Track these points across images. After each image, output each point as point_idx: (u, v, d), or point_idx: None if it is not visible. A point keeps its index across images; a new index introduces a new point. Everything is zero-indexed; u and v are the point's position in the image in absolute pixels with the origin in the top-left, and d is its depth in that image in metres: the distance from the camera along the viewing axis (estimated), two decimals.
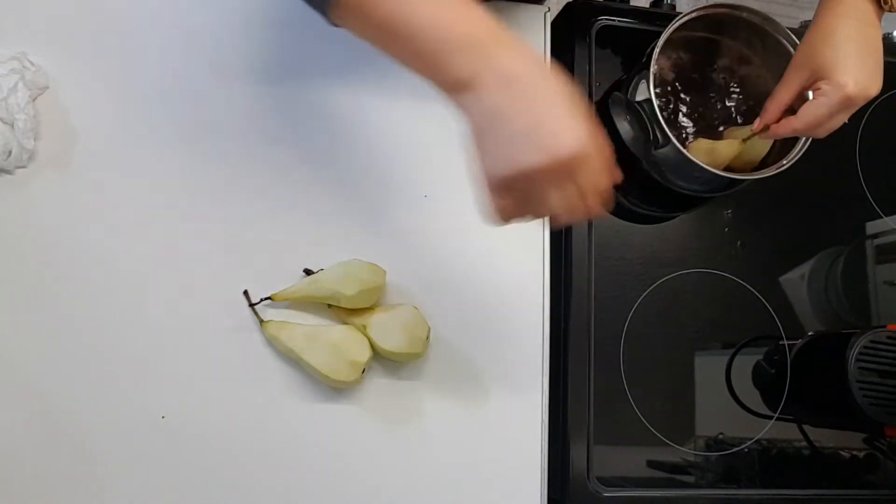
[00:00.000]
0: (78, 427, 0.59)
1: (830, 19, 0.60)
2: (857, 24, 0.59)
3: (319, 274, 0.62)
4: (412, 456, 0.63)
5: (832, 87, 0.59)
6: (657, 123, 0.65)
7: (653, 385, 0.71)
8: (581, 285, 0.70)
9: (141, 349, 0.61)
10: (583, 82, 0.76)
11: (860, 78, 0.58)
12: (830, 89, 0.59)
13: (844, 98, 0.58)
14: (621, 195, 0.76)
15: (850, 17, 0.59)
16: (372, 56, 0.71)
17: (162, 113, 0.66)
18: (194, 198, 0.64)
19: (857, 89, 0.58)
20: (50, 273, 0.61)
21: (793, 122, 0.62)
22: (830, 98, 0.59)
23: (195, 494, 0.59)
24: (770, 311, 0.75)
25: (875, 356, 0.66)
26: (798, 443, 0.73)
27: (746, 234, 0.77)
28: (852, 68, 0.58)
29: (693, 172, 0.69)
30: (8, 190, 0.62)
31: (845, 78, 0.58)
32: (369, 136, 0.69)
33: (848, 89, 0.58)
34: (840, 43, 0.59)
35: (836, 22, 0.60)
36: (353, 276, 0.61)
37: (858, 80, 0.58)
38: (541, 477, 0.64)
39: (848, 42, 0.59)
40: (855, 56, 0.59)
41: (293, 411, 0.62)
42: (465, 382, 0.65)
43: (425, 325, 0.62)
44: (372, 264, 0.62)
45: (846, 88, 0.58)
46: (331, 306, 0.64)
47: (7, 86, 0.60)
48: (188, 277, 0.63)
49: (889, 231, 0.81)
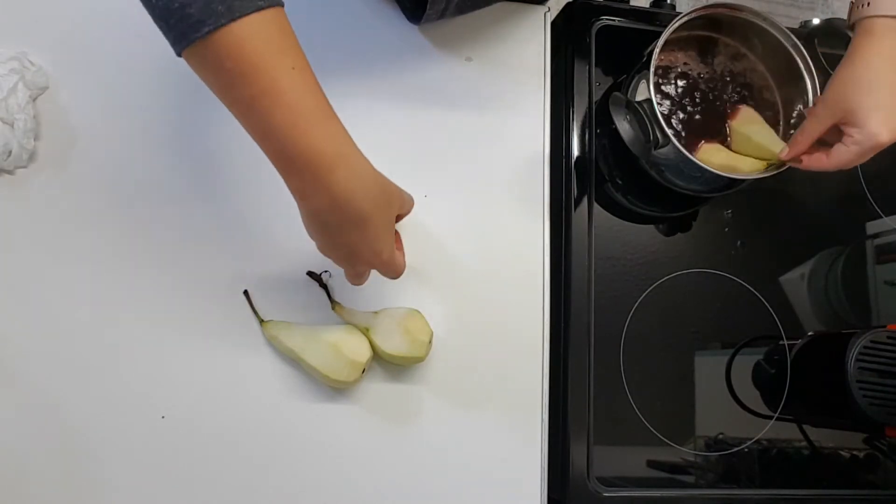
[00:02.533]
0: (78, 427, 0.59)
1: (863, 58, 0.58)
2: (891, 63, 0.58)
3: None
4: (412, 456, 0.63)
5: (864, 136, 0.58)
6: (657, 123, 0.65)
7: (653, 385, 0.71)
8: (581, 285, 0.70)
9: (141, 349, 0.61)
10: (583, 82, 0.76)
11: (893, 125, 0.58)
12: (862, 138, 0.58)
13: (877, 146, 0.58)
14: (621, 195, 0.76)
15: (883, 56, 0.58)
16: (372, 57, 0.71)
17: (162, 113, 0.66)
18: (195, 197, 0.64)
19: (889, 137, 0.58)
20: (50, 273, 0.61)
21: (824, 162, 0.62)
22: (863, 146, 0.59)
23: (195, 494, 0.59)
24: (770, 311, 0.75)
25: (875, 356, 0.66)
26: (798, 443, 0.73)
27: (746, 234, 0.77)
28: (885, 116, 0.57)
29: (693, 172, 0.69)
30: (8, 190, 0.62)
31: (878, 128, 0.57)
32: (369, 137, 0.69)
33: (881, 139, 0.58)
34: (872, 88, 0.58)
35: (869, 63, 0.58)
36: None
37: (892, 128, 0.58)
38: (541, 477, 0.64)
39: (881, 88, 0.58)
40: (888, 102, 0.58)
41: (293, 411, 0.62)
42: (464, 382, 0.65)
43: (428, 329, 0.62)
44: None
45: (879, 138, 0.58)
46: (333, 307, 0.64)
47: (7, 86, 0.60)
48: (188, 277, 0.63)
49: (889, 231, 0.81)
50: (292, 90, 0.44)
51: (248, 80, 0.43)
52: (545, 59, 0.75)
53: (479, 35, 0.74)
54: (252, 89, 0.43)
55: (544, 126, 0.73)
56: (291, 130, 0.44)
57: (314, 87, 0.46)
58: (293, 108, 0.44)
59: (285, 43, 0.44)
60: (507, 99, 0.73)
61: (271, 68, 0.43)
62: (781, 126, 0.74)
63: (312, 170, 0.46)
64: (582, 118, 0.76)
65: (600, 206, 0.74)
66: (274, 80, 0.43)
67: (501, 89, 0.73)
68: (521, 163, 0.71)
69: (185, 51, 0.43)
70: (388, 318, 0.61)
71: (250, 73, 0.42)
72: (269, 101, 0.43)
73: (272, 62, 0.43)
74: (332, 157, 0.46)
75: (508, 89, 0.73)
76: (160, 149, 0.65)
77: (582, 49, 0.76)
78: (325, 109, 0.46)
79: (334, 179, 0.46)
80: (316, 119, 0.45)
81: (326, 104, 0.46)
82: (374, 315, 0.62)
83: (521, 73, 0.74)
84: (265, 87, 0.43)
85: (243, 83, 0.43)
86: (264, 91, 0.43)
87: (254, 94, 0.43)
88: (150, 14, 0.43)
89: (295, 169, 0.46)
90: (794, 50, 0.71)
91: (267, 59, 0.43)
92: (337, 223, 0.49)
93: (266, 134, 0.45)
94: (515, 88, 0.73)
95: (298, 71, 0.44)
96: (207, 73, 0.44)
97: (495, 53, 0.74)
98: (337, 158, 0.46)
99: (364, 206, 0.48)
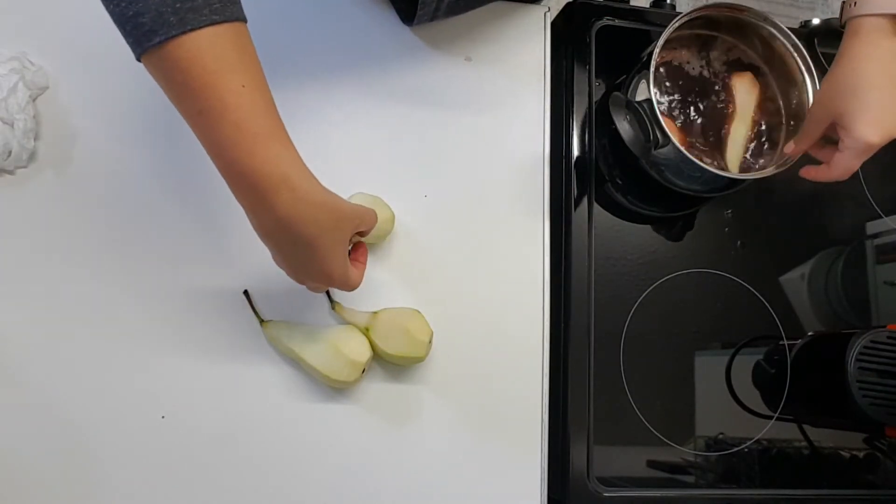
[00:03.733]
0: (78, 427, 0.59)
1: (849, 60, 0.58)
2: (880, 65, 0.57)
3: None
4: (412, 456, 0.63)
5: (853, 139, 0.58)
6: (657, 123, 0.65)
7: (653, 385, 0.71)
8: (581, 285, 0.70)
9: (141, 349, 0.61)
10: (583, 82, 0.76)
11: (884, 125, 0.57)
12: (853, 142, 0.58)
13: (869, 148, 0.58)
14: (621, 195, 0.76)
15: (869, 56, 0.58)
16: (371, 57, 0.71)
17: (162, 113, 0.66)
18: (195, 197, 0.64)
19: (880, 138, 0.58)
20: (50, 272, 0.61)
21: (830, 172, 0.62)
22: (856, 149, 0.59)
23: (195, 494, 0.59)
24: (770, 311, 0.75)
25: (875, 356, 0.66)
26: (798, 443, 0.73)
27: (746, 234, 0.77)
28: (874, 118, 0.57)
29: (693, 172, 0.69)
30: (8, 190, 0.62)
31: (866, 130, 0.57)
32: (369, 137, 0.69)
33: (871, 140, 0.57)
34: (857, 91, 0.58)
35: (855, 66, 0.58)
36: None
37: (882, 128, 0.57)
38: (541, 477, 0.64)
39: (867, 90, 0.57)
40: (877, 104, 0.57)
41: (293, 411, 0.62)
42: (464, 382, 0.65)
43: (428, 329, 0.62)
44: None
45: (869, 139, 0.57)
46: (333, 307, 0.64)
47: (7, 86, 0.60)
48: (189, 277, 0.63)
49: (889, 231, 0.81)
50: (239, 109, 0.43)
51: (195, 95, 0.43)
52: (545, 59, 0.75)
53: (479, 35, 0.74)
54: (199, 104, 0.43)
55: (544, 126, 0.73)
56: (236, 149, 0.44)
57: (264, 107, 0.45)
58: (239, 127, 0.44)
59: (239, 60, 0.44)
60: (507, 99, 0.73)
61: (220, 85, 0.43)
62: (784, 126, 0.74)
63: (255, 191, 0.46)
64: (582, 118, 0.76)
65: (600, 206, 0.74)
66: (221, 97, 0.43)
67: (501, 89, 0.73)
68: (521, 163, 0.71)
69: (142, 58, 0.43)
70: (388, 318, 0.61)
71: (198, 87, 0.43)
72: (215, 117, 0.43)
73: (222, 79, 0.43)
74: (276, 180, 0.45)
75: (508, 89, 0.73)
76: (160, 149, 0.65)
77: (582, 49, 0.76)
78: (273, 130, 0.46)
79: (277, 202, 0.46)
80: (262, 139, 0.45)
81: (276, 124, 0.46)
82: (374, 315, 0.62)
83: (521, 73, 0.74)
84: (212, 103, 0.43)
85: (192, 96, 0.43)
86: (211, 107, 0.43)
87: (201, 108, 0.43)
88: (111, 18, 0.43)
89: (239, 187, 0.46)
90: (794, 50, 0.71)
91: (217, 76, 0.42)
92: (285, 242, 0.50)
93: (212, 149, 0.45)
94: (515, 88, 0.73)
95: (249, 90, 0.44)
96: (160, 81, 0.44)
97: (495, 53, 0.74)
98: (280, 181, 0.46)
99: (309, 229, 0.48)
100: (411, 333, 0.60)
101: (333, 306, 0.63)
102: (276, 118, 0.46)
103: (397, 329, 0.61)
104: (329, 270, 0.52)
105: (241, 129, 0.44)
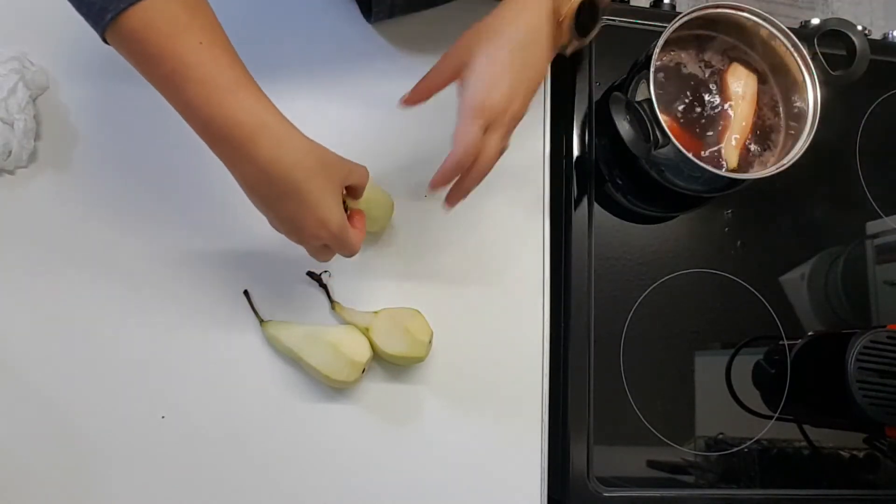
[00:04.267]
0: (78, 427, 0.59)
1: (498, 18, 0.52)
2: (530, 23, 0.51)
3: None
4: (412, 456, 0.63)
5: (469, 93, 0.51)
6: (657, 123, 0.65)
7: (653, 385, 0.71)
8: (581, 285, 0.70)
9: (141, 349, 0.61)
10: (583, 82, 0.76)
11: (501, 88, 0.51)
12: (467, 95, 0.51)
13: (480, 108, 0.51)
14: (621, 195, 0.76)
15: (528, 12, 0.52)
16: (371, 56, 0.71)
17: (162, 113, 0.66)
18: (195, 197, 0.64)
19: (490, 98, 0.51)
20: (50, 273, 0.61)
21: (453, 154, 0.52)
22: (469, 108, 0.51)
23: (195, 494, 0.59)
24: (770, 311, 0.75)
25: (875, 356, 0.66)
26: (798, 443, 0.73)
27: (746, 234, 0.77)
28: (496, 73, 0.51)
29: (693, 172, 0.69)
30: (8, 190, 0.62)
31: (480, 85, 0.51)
32: (369, 137, 0.69)
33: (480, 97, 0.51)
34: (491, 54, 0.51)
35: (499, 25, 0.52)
36: None
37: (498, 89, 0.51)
38: (541, 477, 0.64)
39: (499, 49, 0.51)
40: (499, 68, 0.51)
41: (293, 411, 0.62)
42: (464, 382, 0.65)
43: (428, 329, 0.62)
44: None
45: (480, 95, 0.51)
46: (333, 307, 0.64)
47: (7, 86, 0.60)
48: (189, 277, 0.63)
49: (889, 231, 0.81)
50: (201, 65, 0.44)
51: (157, 61, 0.44)
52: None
53: None
54: (162, 69, 0.45)
55: (544, 126, 0.73)
56: (206, 104, 0.45)
57: (227, 60, 0.46)
58: (205, 83, 0.45)
59: (191, 19, 0.45)
60: None
61: (177, 46, 0.44)
62: (783, 125, 0.74)
63: (232, 140, 0.46)
64: (582, 118, 0.76)
65: (600, 206, 0.74)
66: (181, 58, 0.44)
67: None
68: (521, 163, 0.71)
69: (105, 38, 0.46)
70: (388, 318, 0.61)
71: (158, 54, 0.44)
72: (180, 78, 0.44)
73: (178, 40, 0.44)
74: (252, 127, 0.46)
75: None
76: (160, 149, 0.65)
77: (582, 49, 0.76)
78: (241, 80, 0.46)
79: (257, 149, 0.46)
80: (230, 91, 0.45)
81: (242, 75, 0.47)
82: (374, 315, 0.62)
83: None
84: (174, 65, 0.44)
85: (154, 63, 0.45)
86: (174, 70, 0.44)
87: (165, 73, 0.45)
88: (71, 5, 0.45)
89: (216, 141, 0.47)
90: (794, 50, 0.71)
91: (172, 38, 0.44)
92: (273, 195, 0.49)
93: (184, 110, 0.46)
94: None
95: (207, 46, 0.45)
96: (127, 57, 0.46)
97: None
98: (256, 128, 0.46)
99: (294, 174, 0.47)
100: (411, 333, 0.60)
101: (333, 306, 0.63)
102: (241, 69, 0.47)
103: (397, 329, 0.61)
104: (324, 217, 0.50)
105: (207, 83, 0.45)
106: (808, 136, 0.68)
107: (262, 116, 0.46)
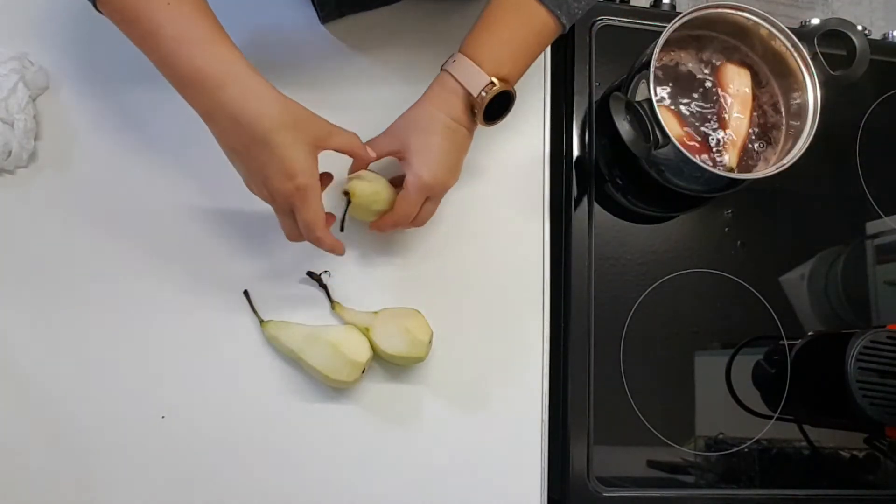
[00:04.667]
0: (78, 427, 0.59)
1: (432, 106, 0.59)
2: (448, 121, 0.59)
3: None
4: (412, 456, 0.63)
5: (413, 174, 0.59)
6: (657, 123, 0.65)
7: (653, 385, 0.71)
8: (581, 285, 0.70)
9: (141, 349, 0.61)
10: (583, 82, 0.76)
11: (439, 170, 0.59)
12: (411, 176, 0.59)
13: (423, 186, 0.59)
14: (621, 195, 0.76)
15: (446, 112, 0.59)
16: (371, 56, 0.71)
17: (162, 113, 0.66)
18: (195, 197, 0.64)
19: (434, 179, 0.59)
20: (50, 272, 0.61)
21: (394, 215, 0.61)
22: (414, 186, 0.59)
23: (195, 494, 0.59)
24: (770, 311, 0.75)
25: (875, 356, 0.66)
26: (798, 443, 0.73)
27: (746, 234, 0.77)
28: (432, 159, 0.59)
29: (693, 172, 0.69)
30: (8, 190, 0.62)
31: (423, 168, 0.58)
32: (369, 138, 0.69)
33: (425, 177, 0.58)
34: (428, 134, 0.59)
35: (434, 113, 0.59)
36: None
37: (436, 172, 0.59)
38: (541, 477, 0.64)
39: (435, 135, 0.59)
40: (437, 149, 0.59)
41: (293, 411, 0.62)
42: (464, 382, 0.65)
43: (428, 329, 0.62)
44: None
45: (424, 177, 0.58)
46: (333, 307, 0.64)
47: (7, 86, 0.60)
48: (188, 277, 0.63)
49: (889, 231, 0.81)
50: (171, 22, 0.48)
51: (134, 24, 0.49)
52: (545, 59, 0.75)
53: None
54: (139, 30, 0.49)
55: (544, 126, 0.73)
56: (179, 58, 0.49)
57: (197, 16, 0.49)
58: (177, 39, 0.48)
59: None
60: None
61: (148, 7, 0.48)
62: (783, 125, 0.74)
63: (201, 88, 0.49)
64: (582, 118, 0.76)
65: (600, 206, 0.74)
66: (151, 17, 0.48)
67: None
68: (521, 163, 0.71)
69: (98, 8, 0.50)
70: (388, 318, 0.61)
71: (134, 17, 0.49)
72: (154, 37, 0.49)
73: (146, 5, 0.48)
74: (221, 77, 0.49)
75: None
76: (160, 149, 0.65)
77: (582, 49, 0.76)
78: (211, 34, 0.49)
79: (226, 96, 0.49)
80: (201, 44, 0.49)
81: (213, 29, 0.50)
82: (374, 315, 0.62)
83: None
84: (148, 26, 0.48)
85: (132, 26, 0.49)
86: (148, 30, 0.49)
87: (142, 34, 0.49)
88: None
89: (187, 90, 0.50)
90: (794, 50, 0.71)
91: (141, 3, 0.48)
92: (243, 145, 0.51)
93: (163, 68, 0.50)
94: None
95: (176, 4, 0.48)
96: (115, 24, 0.50)
97: None
98: (225, 77, 0.49)
99: (263, 122, 0.50)
100: (411, 333, 0.60)
101: (333, 306, 0.63)
102: (213, 23, 0.50)
103: (397, 329, 0.61)
104: (290, 169, 0.51)
105: (179, 39, 0.48)
106: (808, 136, 0.68)
107: (230, 66, 0.49)
